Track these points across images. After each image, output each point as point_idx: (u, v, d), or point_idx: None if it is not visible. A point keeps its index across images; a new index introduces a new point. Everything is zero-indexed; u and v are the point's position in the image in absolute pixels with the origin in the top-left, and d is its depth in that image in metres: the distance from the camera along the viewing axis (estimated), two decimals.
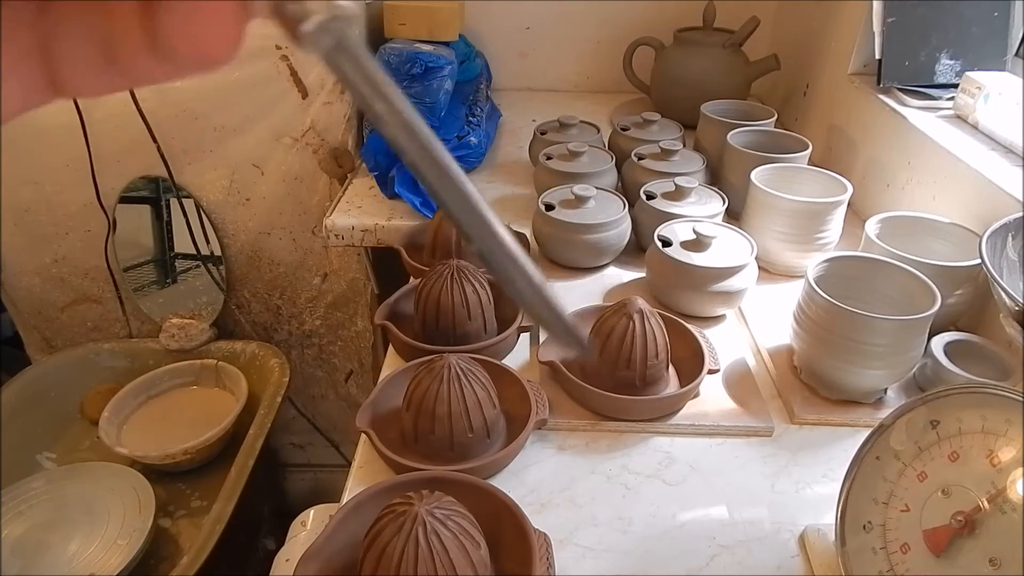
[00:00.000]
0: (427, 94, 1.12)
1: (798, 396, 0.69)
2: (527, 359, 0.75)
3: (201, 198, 1.29)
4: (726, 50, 1.29)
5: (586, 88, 1.58)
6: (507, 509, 0.51)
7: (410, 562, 0.42)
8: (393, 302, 0.77)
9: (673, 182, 0.89)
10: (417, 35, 1.19)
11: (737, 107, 1.12)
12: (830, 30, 1.20)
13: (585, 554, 0.54)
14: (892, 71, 1.01)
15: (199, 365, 1.36)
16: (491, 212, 0.21)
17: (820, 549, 0.54)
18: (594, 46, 1.53)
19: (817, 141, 1.14)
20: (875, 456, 0.49)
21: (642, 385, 0.66)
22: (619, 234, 0.87)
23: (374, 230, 1.04)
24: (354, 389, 1.51)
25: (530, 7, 1.48)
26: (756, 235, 0.83)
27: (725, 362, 0.72)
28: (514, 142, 1.30)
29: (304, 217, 1.30)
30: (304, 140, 1.22)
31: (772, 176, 0.89)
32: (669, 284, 0.80)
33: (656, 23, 1.43)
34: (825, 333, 0.65)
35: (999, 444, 0.43)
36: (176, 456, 1.19)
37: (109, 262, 1.34)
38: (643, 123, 1.11)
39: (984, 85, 0.90)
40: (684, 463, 0.63)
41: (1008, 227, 0.64)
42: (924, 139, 0.90)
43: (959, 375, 0.65)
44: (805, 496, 0.60)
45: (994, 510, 0.42)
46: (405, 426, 0.61)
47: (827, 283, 0.68)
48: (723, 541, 0.55)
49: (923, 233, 0.80)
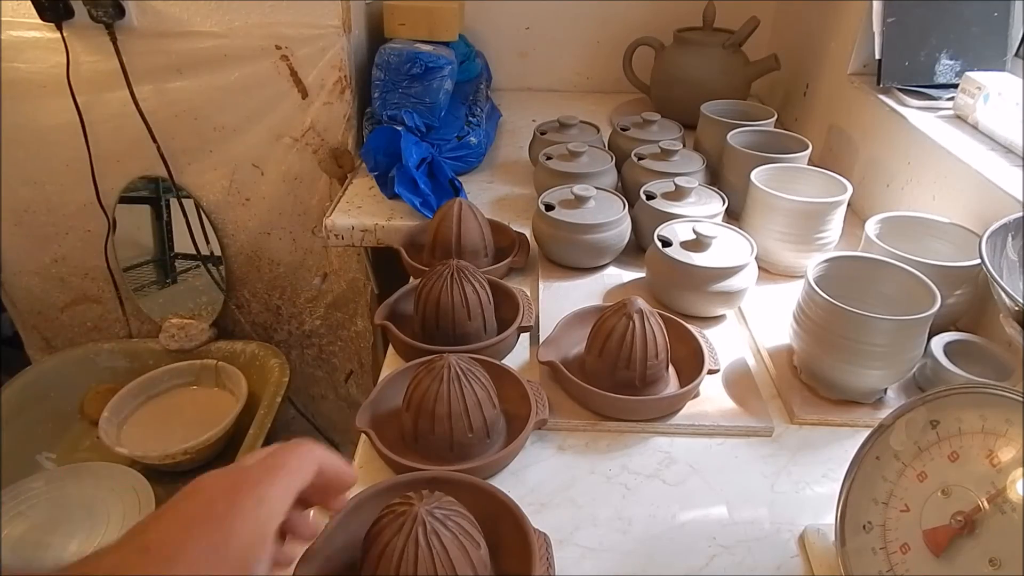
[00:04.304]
0: (427, 94, 1.12)
1: (798, 396, 0.69)
2: (527, 359, 0.75)
3: (201, 198, 1.29)
4: (726, 50, 1.29)
5: (586, 88, 1.58)
6: (507, 509, 0.51)
7: (410, 562, 0.42)
8: (393, 302, 0.77)
9: (673, 182, 0.89)
10: (417, 35, 1.19)
11: (737, 107, 1.12)
12: (830, 30, 1.20)
13: (585, 554, 0.54)
14: (892, 71, 1.01)
15: (199, 365, 1.36)
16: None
17: (820, 549, 0.54)
18: (594, 46, 1.53)
19: (817, 141, 1.14)
20: (875, 456, 0.49)
21: (642, 385, 0.66)
22: (619, 234, 0.87)
23: (374, 230, 1.04)
24: (354, 389, 1.51)
25: (530, 7, 1.48)
26: (756, 235, 0.83)
27: (725, 362, 0.72)
28: (514, 142, 1.30)
29: (304, 217, 1.30)
30: (304, 140, 1.22)
31: (772, 176, 0.89)
32: (669, 284, 0.80)
33: (656, 23, 1.43)
34: (825, 333, 0.65)
35: (999, 444, 0.43)
36: (176, 456, 1.19)
37: (109, 262, 1.34)
38: (643, 123, 1.11)
39: (984, 85, 0.90)
40: (684, 463, 0.63)
41: (1008, 227, 0.64)
42: (924, 139, 0.90)
43: (959, 375, 0.65)
44: (805, 496, 0.60)
45: (994, 510, 0.42)
46: (405, 426, 0.61)
47: (827, 283, 0.68)
48: (723, 541, 0.55)
49: (923, 233, 0.80)
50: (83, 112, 1.17)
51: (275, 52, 1.14)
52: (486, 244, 0.86)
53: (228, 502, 0.35)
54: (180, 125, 1.21)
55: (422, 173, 1.03)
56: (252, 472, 0.37)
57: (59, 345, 1.45)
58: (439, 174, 1.05)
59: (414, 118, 1.10)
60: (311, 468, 0.39)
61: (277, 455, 0.39)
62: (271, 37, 1.13)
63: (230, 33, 1.12)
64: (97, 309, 1.42)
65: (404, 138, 1.03)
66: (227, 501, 0.35)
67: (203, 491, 0.36)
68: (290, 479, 0.37)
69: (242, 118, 1.21)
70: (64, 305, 1.41)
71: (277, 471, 0.37)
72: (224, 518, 0.34)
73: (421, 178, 1.02)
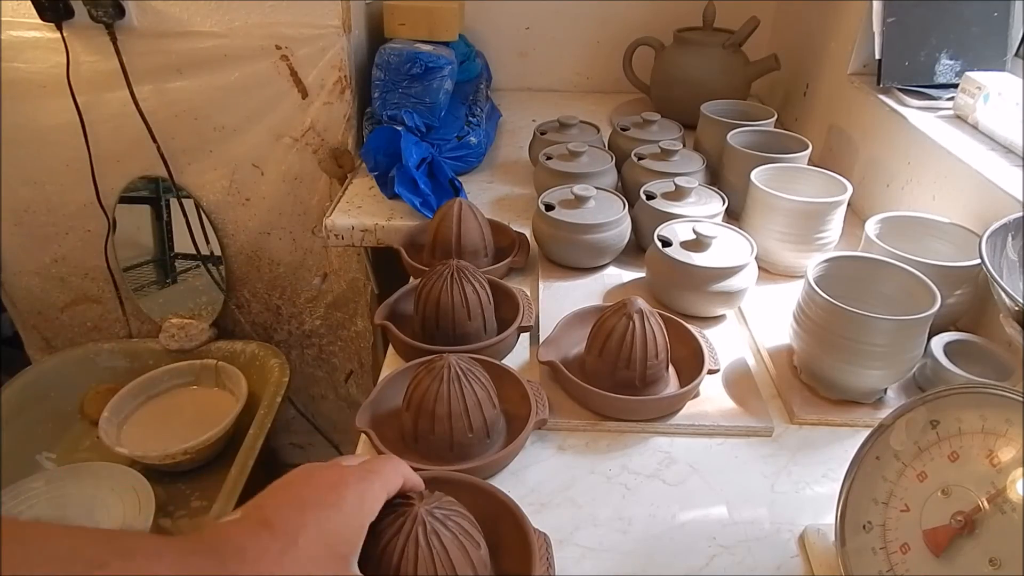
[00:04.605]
0: (427, 94, 1.12)
1: (798, 396, 0.69)
2: (527, 359, 0.75)
3: (201, 198, 1.29)
4: (726, 50, 1.29)
5: (586, 88, 1.58)
6: (507, 509, 0.51)
7: (410, 562, 0.42)
8: (393, 302, 0.77)
9: (673, 182, 0.89)
10: (417, 35, 1.19)
11: (737, 107, 1.12)
12: (830, 30, 1.20)
13: (585, 554, 0.54)
14: (892, 71, 1.01)
15: (199, 365, 1.36)
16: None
17: (820, 549, 0.54)
18: (594, 46, 1.53)
19: (817, 141, 1.14)
20: (875, 456, 0.49)
21: (642, 385, 0.66)
22: (619, 234, 0.87)
23: (374, 230, 1.04)
24: (354, 389, 1.51)
25: (530, 7, 1.48)
26: (756, 235, 0.83)
27: (725, 362, 0.72)
28: (514, 142, 1.30)
29: (304, 217, 1.30)
30: (304, 140, 1.22)
31: (772, 176, 0.89)
32: (669, 284, 0.80)
33: (656, 23, 1.44)
34: (825, 333, 0.65)
35: (999, 444, 0.43)
36: (176, 456, 1.19)
37: (109, 262, 1.34)
38: (643, 123, 1.11)
39: (984, 85, 0.90)
40: (684, 463, 0.63)
41: (1008, 227, 0.64)
42: (924, 139, 0.90)
43: (959, 375, 0.65)
44: (805, 496, 0.60)
45: (994, 510, 0.42)
46: (405, 426, 0.61)
47: (827, 283, 0.68)
48: (723, 541, 0.55)
49: (923, 233, 0.80)
50: (83, 112, 1.17)
51: (275, 52, 1.14)
52: (486, 244, 0.86)
53: (337, 494, 0.38)
54: (180, 125, 1.21)
55: (422, 173, 1.03)
56: (354, 472, 0.41)
57: (59, 345, 1.45)
58: (439, 174, 1.05)
59: (414, 118, 1.10)
60: (399, 480, 0.43)
61: (374, 462, 0.43)
62: (271, 37, 1.13)
63: (230, 33, 1.12)
64: (97, 309, 1.42)
65: (404, 138, 1.03)
66: (336, 493, 0.38)
67: (312, 479, 0.39)
68: (384, 484, 0.41)
69: (242, 118, 1.21)
70: (64, 305, 1.41)
71: (375, 476, 0.41)
72: (333, 507, 0.38)
73: (421, 178, 1.02)
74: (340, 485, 0.39)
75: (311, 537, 0.36)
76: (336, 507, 0.38)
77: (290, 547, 0.35)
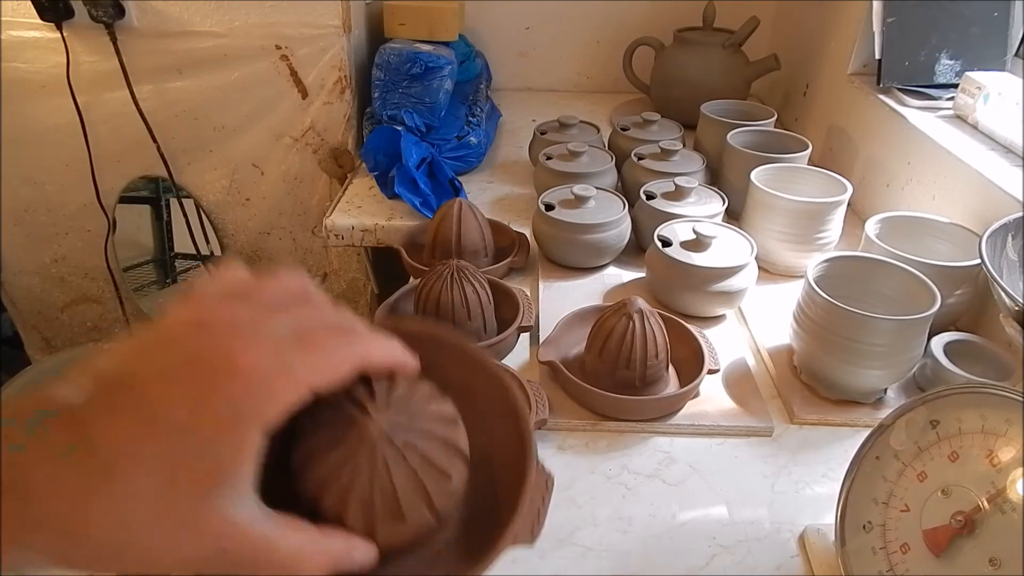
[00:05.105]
0: (427, 94, 1.12)
1: (798, 396, 0.69)
2: (527, 359, 0.75)
3: (201, 198, 1.29)
4: (726, 50, 1.29)
5: (586, 88, 1.58)
6: (491, 375, 0.36)
7: (360, 498, 0.29)
8: (393, 302, 0.77)
9: (673, 182, 0.89)
10: (417, 35, 1.20)
11: (737, 107, 1.12)
12: (830, 30, 1.20)
13: (585, 554, 0.54)
14: (892, 71, 1.01)
15: None
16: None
17: (820, 549, 0.54)
18: (594, 46, 1.53)
19: (817, 141, 1.14)
20: (875, 456, 0.49)
21: (642, 385, 0.66)
22: (619, 234, 0.87)
23: (374, 230, 1.04)
24: None
25: (530, 7, 1.48)
26: (756, 235, 0.83)
27: (725, 362, 0.72)
28: (514, 142, 1.30)
29: (304, 217, 1.30)
30: (304, 140, 1.22)
31: (772, 176, 0.89)
32: (669, 284, 0.80)
33: (656, 23, 1.43)
34: (825, 333, 0.65)
35: (999, 444, 0.43)
36: None
37: (109, 262, 1.34)
38: (643, 123, 1.11)
39: (984, 85, 0.90)
40: (684, 463, 0.63)
41: (1008, 227, 0.64)
42: (924, 139, 0.90)
43: (959, 375, 0.65)
44: (805, 496, 0.60)
45: (994, 510, 0.42)
46: None
47: (827, 283, 0.68)
48: (723, 541, 0.55)
49: (923, 233, 0.80)
50: (83, 112, 1.17)
51: (275, 52, 1.14)
52: (486, 244, 0.86)
53: (222, 389, 0.25)
54: (180, 125, 1.21)
55: (422, 173, 1.03)
56: (270, 338, 0.27)
57: (59, 345, 1.45)
58: (439, 174, 1.05)
59: (414, 118, 1.10)
60: (365, 358, 0.29)
61: (323, 313, 0.29)
62: (271, 37, 1.13)
63: (230, 33, 1.12)
64: (97, 309, 1.42)
65: (404, 138, 1.03)
66: (221, 385, 0.25)
67: (197, 341, 0.26)
68: (323, 371, 0.27)
69: (242, 118, 1.21)
70: (64, 305, 1.41)
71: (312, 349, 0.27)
72: (205, 412, 0.25)
73: (421, 178, 1.02)
74: (234, 362, 0.25)
75: (145, 463, 0.23)
76: (211, 413, 0.24)
77: (102, 483, 0.23)
